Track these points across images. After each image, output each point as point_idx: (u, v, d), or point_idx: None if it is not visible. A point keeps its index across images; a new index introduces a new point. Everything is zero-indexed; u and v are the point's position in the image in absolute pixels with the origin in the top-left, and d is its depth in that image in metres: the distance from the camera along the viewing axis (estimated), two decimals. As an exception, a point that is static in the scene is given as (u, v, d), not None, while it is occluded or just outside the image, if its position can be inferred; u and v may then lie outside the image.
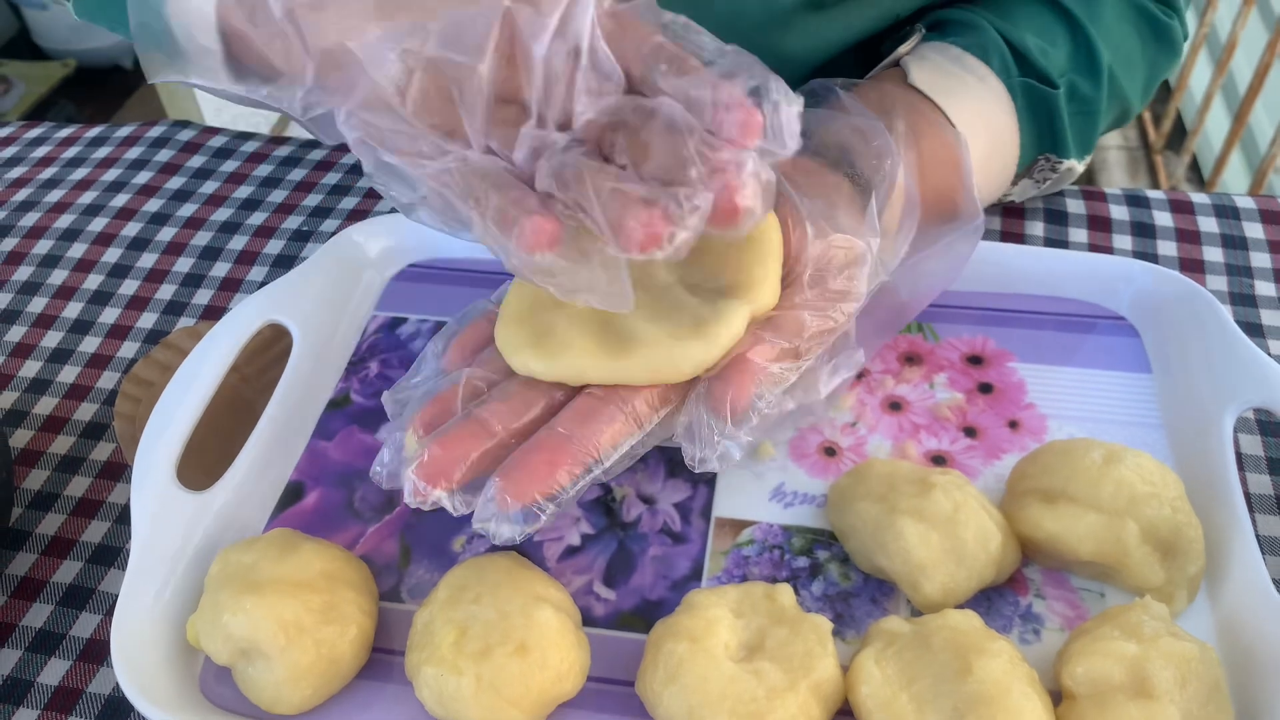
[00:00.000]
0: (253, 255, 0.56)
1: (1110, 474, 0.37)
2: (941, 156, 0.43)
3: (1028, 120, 0.47)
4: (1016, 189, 0.51)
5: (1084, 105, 0.48)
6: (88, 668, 0.40)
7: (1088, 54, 0.48)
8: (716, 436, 0.34)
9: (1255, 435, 0.44)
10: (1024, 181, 0.50)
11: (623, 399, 0.35)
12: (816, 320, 0.37)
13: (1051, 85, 0.47)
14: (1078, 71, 0.48)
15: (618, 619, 0.39)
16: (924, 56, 0.47)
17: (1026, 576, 0.39)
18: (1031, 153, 0.48)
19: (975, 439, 0.43)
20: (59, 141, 0.65)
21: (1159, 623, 0.34)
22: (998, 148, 0.47)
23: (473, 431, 0.35)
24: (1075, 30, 0.48)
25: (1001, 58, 0.47)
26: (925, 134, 0.44)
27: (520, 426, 0.35)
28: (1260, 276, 0.51)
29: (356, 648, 0.36)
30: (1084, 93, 0.48)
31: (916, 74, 0.46)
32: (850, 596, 0.39)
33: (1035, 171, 0.50)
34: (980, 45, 0.47)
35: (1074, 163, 0.49)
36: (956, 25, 0.48)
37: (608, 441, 0.34)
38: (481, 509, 0.34)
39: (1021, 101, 0.47)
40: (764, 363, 0.35)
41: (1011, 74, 0.47)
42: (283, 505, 0.43)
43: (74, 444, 0.47)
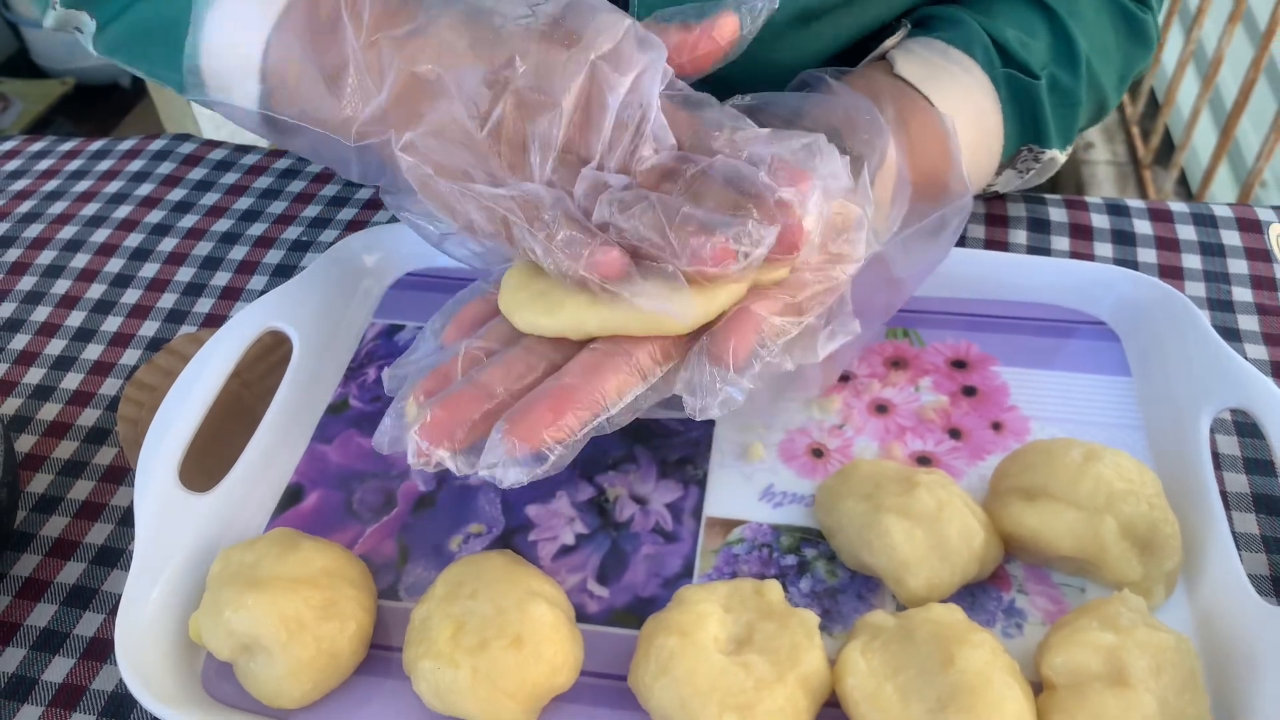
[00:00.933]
0: (253, 265, 0.57)
1: (1089, 472, 0.38)
2: (929, 139, 0.45)
3: (1011, 111, 0.49)
4: (1000, 179, 0.52)
5: (1065, 96, 0.50)
6: (91, 665, 0.40)
7: (1067, 46, 0.50)
8: (719, 383, 0.35)
9: (1232, 436, 0.45)
10: (1008, 172, 0.51)
11: (626, 352, 0.36)
12: (816, 279, 0.38)
13: (1033, 76, 0.49)
14: (1058, 64, 0.50)
15: (610, 615, 0.40)
16: (909, 50, 0.49)
17: (1009, 572, 0.40)
18: (1015, 143, 0.50)
19: (959, 440, 0.44)
20: (62, 155, 0.66)
21: (1136, 614, 0.35)
22: (982, 137, 0.48)
23: (474, 394, 0.36)
24: (1054, 23, 0.50)
25: (985, 50, 0.48)
26: (913, 118, 0.46)
27: (521, 388, 0.36)
28: (1237, 283, 0.52)
29: (356, 643, 0.37)
30: (1064, 84, 0.50)
31: (902, 65, 0.48)
32: (837, 593, 0.40)
33: (1019, 162, 0.51)
34: (964, 38, 0.48)
35: (1056, 152, 0.51)
36: (940, 21, 0.50)
37: (613, 390, 0.35)
38: (488, 454, 0.34)
39: (1005, 92, 0.48)
40: (766, 314, 0.36)
41: (994, 65, 0.48)
42: (283, 507, 0.44)
43: (77, 449, 0.48)
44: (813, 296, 0.37)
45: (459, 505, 0.43)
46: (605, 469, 0.44)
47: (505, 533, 0.42)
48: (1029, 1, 0.51)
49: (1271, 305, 0.50)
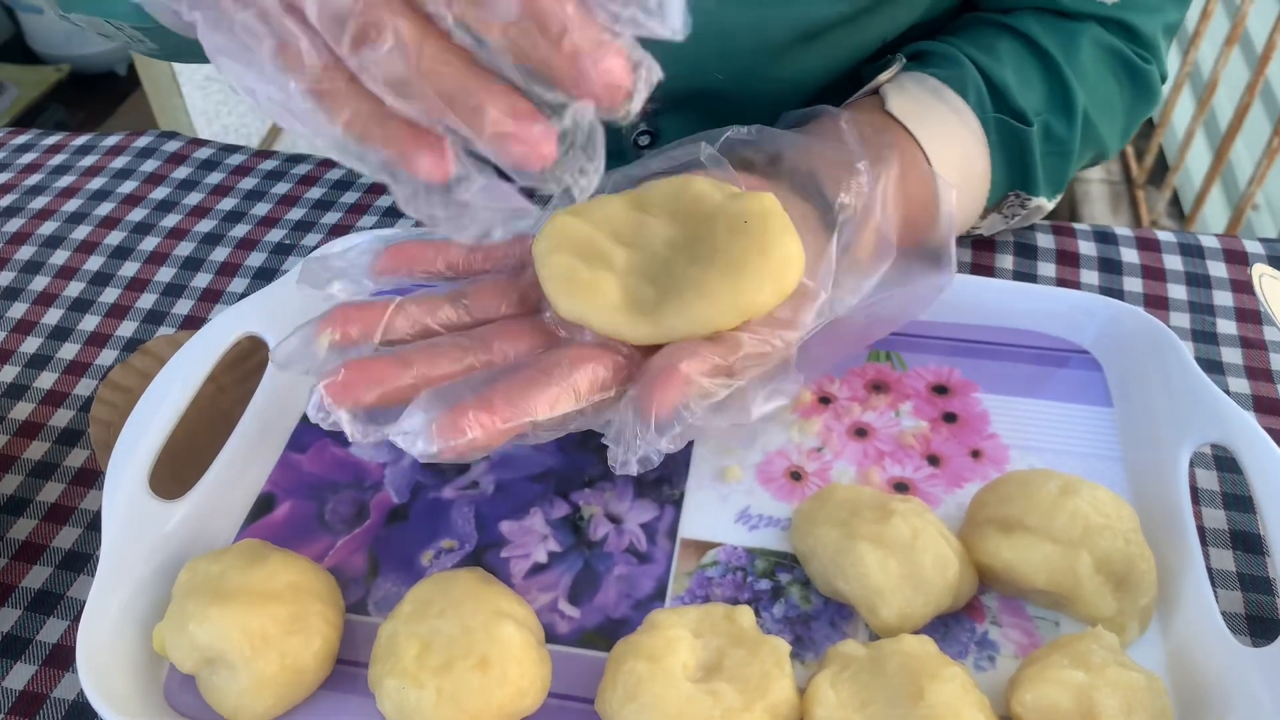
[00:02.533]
0: (234, 267, 0.57)
1: (1066, 505, 0.38)
2: (919, 194, 0.44)
3: (1000, 156, 0.48)
4: (985, 223, 0.52)
5: (1057, 145, 0.49)
6: (53, 673, 0.40)
7: (1063, 95, 0.49)
8: (639, 441, 0.35)
9: (1212, 470, 0.45)
10: (993, 216, 0.51)
11: (567, 373, 0.35)
12: (754, 343, 0.37)
13: (1025, 123, 0.48)
14: (1053, 111, 0.49)
15: (581, 637, 0.39)
16: (902, 86, 0.48)
17: (983, 604, 0.40)
18: (1002, 188, 0.49)
19: (938, 467, 0.44)
20: (45, 149, 0.66)
21: (1108, 652, 0.35)
22: (968, 180, 0.48)
23: (394, 367, 0.35)
24: (1052, 71, 0.49)
25: (978, 92, 0.48)
26: (905, 176, 0.45)
27: (441, 375, 0.35)
28: (1222, 315, 0.52)
29: (321, 659, 0.37)
30: (1058, 133, 0.49)
31: (893, 102, 0.47)
32: (810, 619, 0.40)
33: (1005, 207, 0.51)
34: (958, 78, 0.48)
35: (1043, 200, 0.50)
36: (936, 57, 0.49)
37: (545, 406, 0.34)
38: (406, 419, 0.33)
39: (995, 137, 0.48)
40: (694, 375, 0.36)
41: (986, 109, 0.48)
42: (254, 516, 0.43)
43: (49, 450, 0.48)
44: (747, 358, 0.37)
45: (432, 519, 0.43)
46: (581, 486, 0.44)
47: (477, 549, 0.42)
48: (1028, 46, 0.50)
49: (1255, 339, 0.50)
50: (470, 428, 0.33)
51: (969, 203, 0.49)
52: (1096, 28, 0.50)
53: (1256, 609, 0.40)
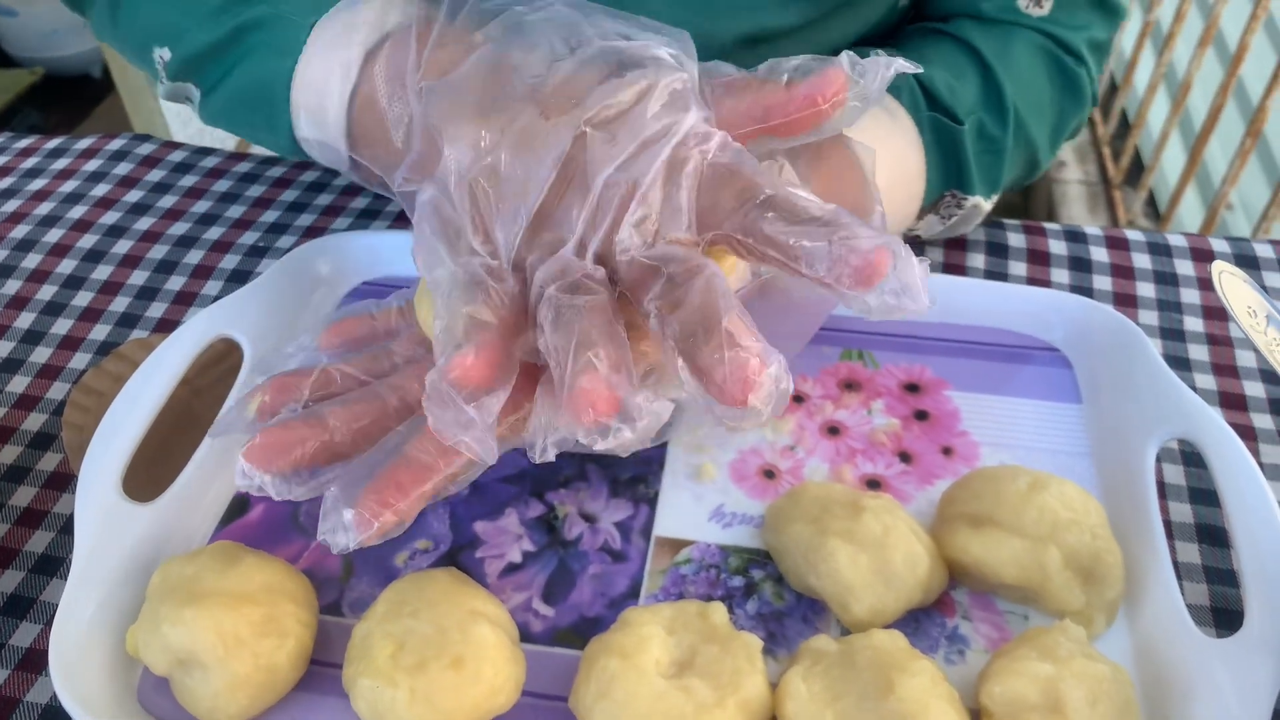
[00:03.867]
0: (208, 270, 0.57)
1: (1034, 501, 0.39)
2: (844, 169, 0.44)
3: (934, 155, 0.49)
4: (922, 224, 0.52)
5: (990, 144, 0.50)
6: (26, 676, 0.40)
7: (995, 93, 0.50)
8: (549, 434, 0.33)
9: (1179, 465, 0.45)
10: (930, 216, 0.51)
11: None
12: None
13: (957, 122, 0.49)
14: (986, 110, 0.50)
15: (555, 635, 0.39)
16: None
17: (954, 599, 0.40)
18: (938, 188, 0.50)
19: (909, 464, 0.45)
20: (17, 152, 0.65)
21: (1075, 645, 0.35)
22: (902, 179, 0.48)
23: (308, 428, 0.35)
24: (984, 70, 0.50)
25: (910, 93, 0.48)
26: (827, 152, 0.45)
27: (358, 430, 0.35)
28: (1189, 312, 0.52)
29: (294, 660, 0.37)
30: (991, 131, 0.50)
31: None
32: (783, 615, 0.40)
33: (941, 207, 0.51)
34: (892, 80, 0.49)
35: (979, 199, 0.51)
36: None
37: (461, 460, 0.33)
38: (325, 518, 0.32)
39: (929, 136, 0.49)
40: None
41: (920, 109, 0.48)
42: (228, 518, 0.43)
43: (21, 454, 0.48)
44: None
45: (406, 520, 0.43)
46: (556, 486, 0.44)
47: (452, 549, 0.42)
48: (959, 46, 0.51)
49: (1222, 335, 0.51)
50: (379, 516, 0.32)
51: (904, 200, 0.49)
52: (1029, 32, 0.51)
53: (1221, 601, 0.41)
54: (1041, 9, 0.51)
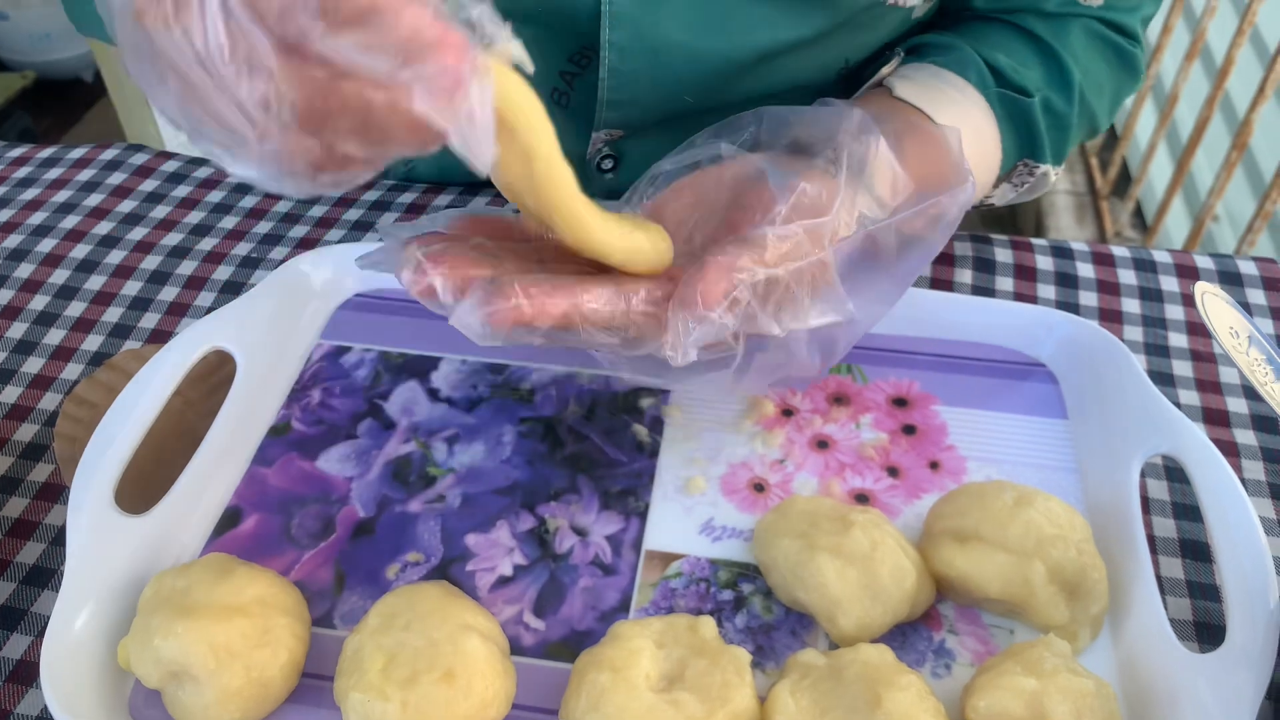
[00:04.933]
0: (201, 280, 0.57)
1: (1020, 516, 0.39)
2: (929, 146, 0.46)
3: (1007, 127, 0.51)
4: (997, 193, 0.54)
5: (1057, 119, 0.52)
6: (17, 689, 0.40)
7: (1060, 74, 0.52)
8: (691, 323, 0.35)
9: (1162, 481, 0.46)
10: (1004, 185, 0.54)
11: (615, 276, 0.36)
12: (781, 237, 0.38)
13: (1027, 95, 0.50)
14: (1051, 88, 0.52)
15: (546, 648, 0.40)
16: (905, 75, 0.50)
17: (940, 613, 0.41)
18: (1012, 158, 0.52)
19: (897, 479, 0.45)
20: (10, 161, 0.66)
21: (1059, 659, 0.36)
22: (980, 151, 0.50)
23: (477, 260, 0.36)
24: (1047, 54, 0.52)
25: (979, 72, 0.50)
26: (912, 131, 0.46)
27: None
28: (1173, 328, 0.53)
29: (287, 672, 0.37)
30: (1058, 108, 0.52)
31: (901, 89, 0.49)
32: (771, 629, 0.40)
33: (1014, 176, 0.53)
34: (958, 61, 0.50)
35: (1050, 167, 0.53)
36: (932, 48, 0.52)
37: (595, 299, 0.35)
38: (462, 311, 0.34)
39: (1000, 110, 0.50)
40: (732, 264, 0.37)
41: (989, 86, 0.50)
42: (220, 530, 0.43)
43: (12, 465, 0.48)
44: (776, 251, 0.38)
45: (398, 533, 0.43)
46: (547, 499, 0.44)
47: (443, 562, 0.42)
48: (1022, 35, 0.53)
49: (1205, 352, 0.52)
50: (516, 296, 0.34)
51: (982, 174, 0.51)
52: (1085, 20, 0.53)
53: (1204, 615, 0.41)
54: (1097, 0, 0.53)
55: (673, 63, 0.49)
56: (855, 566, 0.38)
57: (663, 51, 0.48)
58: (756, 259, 0.37)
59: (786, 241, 0.38)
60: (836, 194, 0.40)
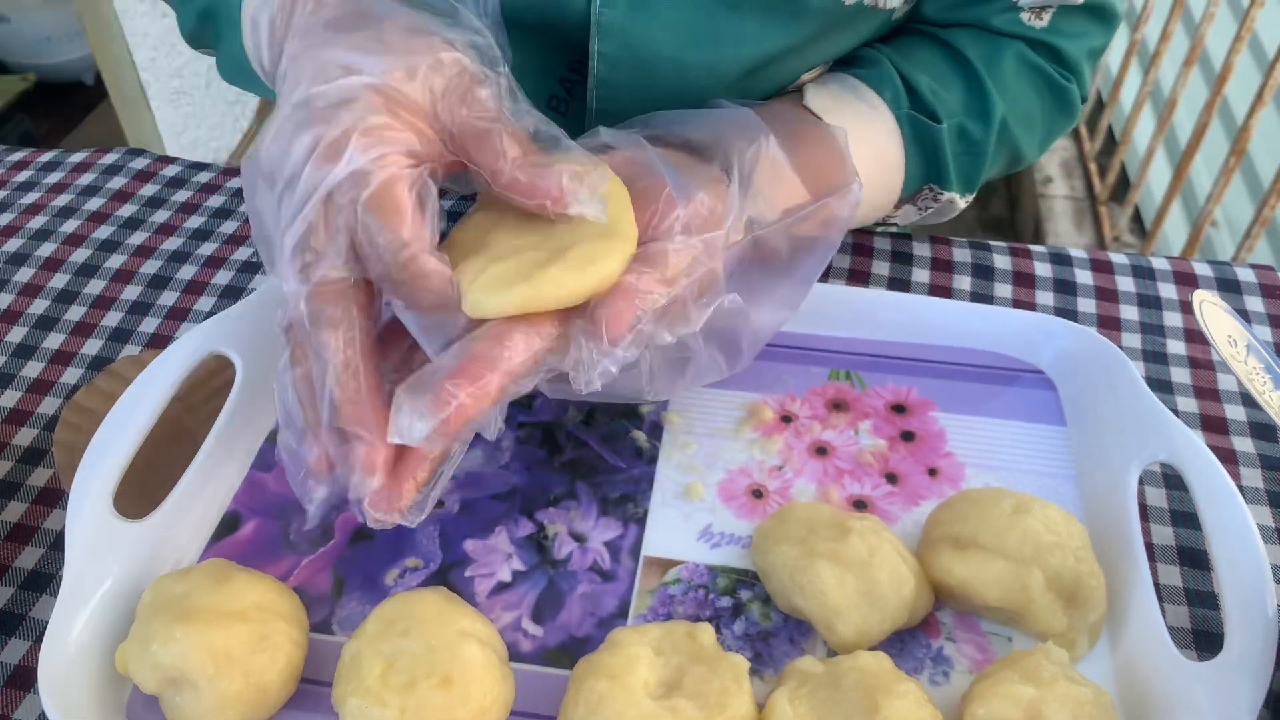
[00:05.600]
0: (201, 285, 0.57)
1: (1018, 524, 0.39)
2: (819, 148, 0.46)
3: (913, 150, 0.51)
4: (900, 214, 0.54)
5: (971, 146, 0.52)
6: (14, 694, 0.40)
7: (981, 102, 0.51)
8: (596, 356, 0.36)
9: (1161, 488, 0.46)
10: (907, 207, 0.53)
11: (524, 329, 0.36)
12: (679, 249, 0.38)
13: (936, 121, 0.50)
14: (969, 115, 0.51)
15: (544, 655, 0.40)
16: (823, 83, 0.51)
17: (939, 620, 0.41)
18: (916, 181, 0.52)
19: (896, 485, 0.45)
20: (11, 165, 0.66)
21: (1057, 667, 0.36)
22: (881, 169, 0.50)
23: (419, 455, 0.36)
24: (971, 79, 0.52)
25: (894, 90, 0.50)
26: (804, 134, 0.47)
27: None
28: (1171, 335, 0.53)
29: (285, 678, 0.37)
30: (973, 135, 0.51)
31: (811, 97, 0.50)
32: (770, 636, 0.40)
33: (919, 200, 0.53)
34: (876, 77, 0.51)
35: (955, 195, 0.53)
36: (860, 59, 0.52)
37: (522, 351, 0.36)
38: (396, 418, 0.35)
39: (908, 132, 0.50)
40: (638, 286, 0.37)
41: (901, 105, 0.50)
42: (219, 535, 0.43)
43: (11, 469, 0.48)
44: (677, 269, 0.38)
45: (396, 539, 0.43)
46: (545, 505, 0.44)
47: (442, 568, 0.42)
48: (952, 55, 0.52)
49: (1203, 359, 0.52)
50: (452, 398, 0.34)
51: (882, 191, 0.51)
52: (1022, 45, 0.53)
53: (1202, 623, 0.41)
54: (1042, 21, 0.53)
55: (661, 75, 0.49)
56: (854, 573, 0.38)
57: (651, 63, 0.48)
58: (659, 279, 0.37)
59: (686, 257, 0.38)
60: (731, 203, 0.40)
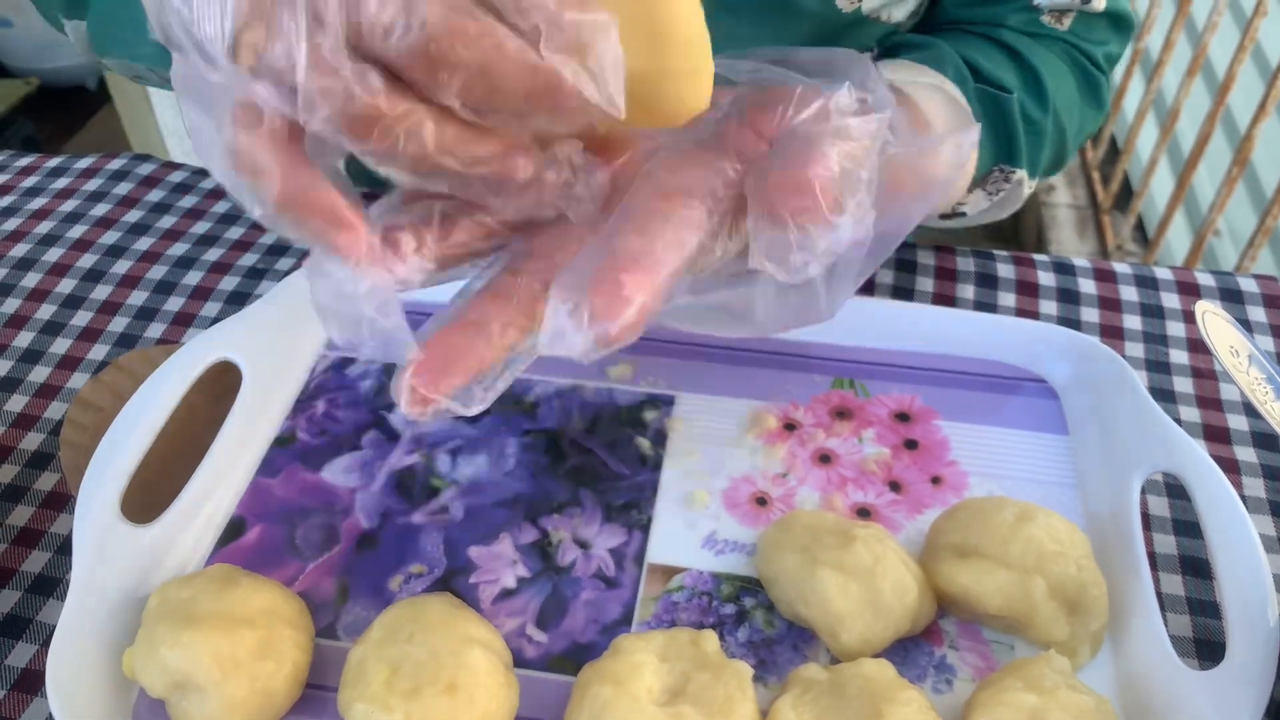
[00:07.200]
0: (207, 291, 0.57)
1: (1021, 532, 0.39)
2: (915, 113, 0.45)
3: (985, 126, 0.49)
4: (970, 200, 0.52)
5: (1032, 126, 0.51)
6: (22, 697, 0.40)
7: (1035, 83, 0.51)
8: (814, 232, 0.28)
9: (1163, 497, 0.46)
10: (978, 192, 0.52)
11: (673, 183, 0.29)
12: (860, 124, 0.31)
13: (1006, 90, 0.49)
14: (1025, 93, 0.51)
15: (548, 661, 0.40)
16: (885, 66, 0.49)
17: (942, 628, 0.41)
18: (989, 160, 0.51)
19: (899, 493, 0.45)
20: (18, 170, 0.66)
21: (1059, 676, 0.36)
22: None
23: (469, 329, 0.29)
24: (1022, 63, 0.51)
25: (956, 68, 0.49)
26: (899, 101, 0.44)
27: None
28: (1174, 345, 0.53)
29: (290, 683, 0.37)
30: (1032, 114, 0.51)
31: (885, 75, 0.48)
32: (773, 643, 0.40)
33: (989, 183, 0.52)
34: (935, 58, 0.49)
35: (1024, 174, 0.52)
36: (907, 47, 0.51)
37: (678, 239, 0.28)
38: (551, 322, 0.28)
39: (978, 107, 0.49)
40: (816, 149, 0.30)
41: (967, 81, 0.49)
42: (224, 541, 0.43)
43: (18, 473, 0.48)
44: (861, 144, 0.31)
45: (401, 545, 0.43)
46: (550, 511, 0.44)
47: (446, 574, 0.42)
48: (994, 43, 0.52)
49: (1206, 369, 0.52)
50: (632, 294, 0.27)
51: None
52: (1055, 40, 0.53)
53: (1204, 632, 0.41)
54: (1062, 25, 0.53)
55: None
56: (857, 581, 0.39)
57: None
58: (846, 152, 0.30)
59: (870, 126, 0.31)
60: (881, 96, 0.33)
